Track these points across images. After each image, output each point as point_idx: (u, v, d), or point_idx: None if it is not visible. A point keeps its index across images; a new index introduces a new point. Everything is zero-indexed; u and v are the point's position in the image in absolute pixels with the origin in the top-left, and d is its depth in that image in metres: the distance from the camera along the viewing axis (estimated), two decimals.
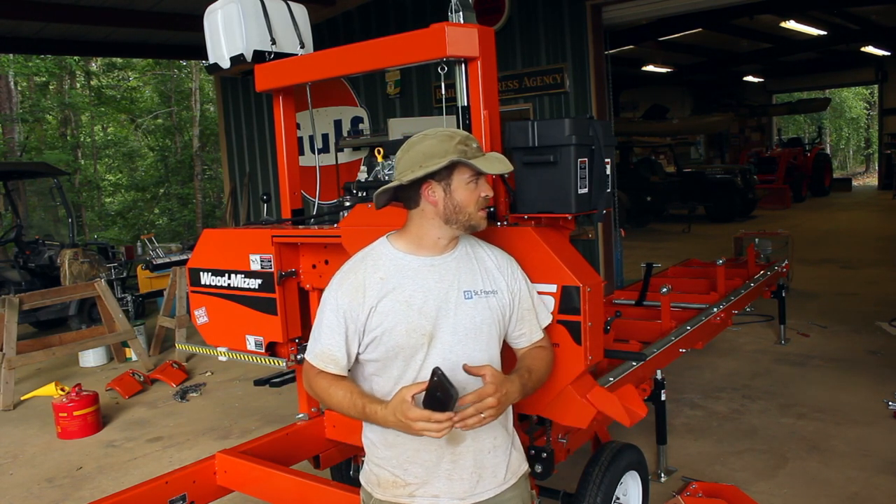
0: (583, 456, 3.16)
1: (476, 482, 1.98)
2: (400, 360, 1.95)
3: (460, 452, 1.96)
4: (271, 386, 3.59)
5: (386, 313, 1.93)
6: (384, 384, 1.99)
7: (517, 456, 2.11)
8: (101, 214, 19.18)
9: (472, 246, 2.09)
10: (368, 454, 2.08)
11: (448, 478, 1.96)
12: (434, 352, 1.93)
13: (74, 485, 4.38)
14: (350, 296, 1.96)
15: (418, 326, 1.92)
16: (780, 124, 27.34)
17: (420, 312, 1.93)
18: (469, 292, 1.99)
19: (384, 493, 2.01)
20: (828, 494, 3.66)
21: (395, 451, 1.98)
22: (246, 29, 3.11)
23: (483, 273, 2.04)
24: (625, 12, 7.55)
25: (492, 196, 2.01)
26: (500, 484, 2.02)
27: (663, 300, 4.19)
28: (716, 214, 15.31)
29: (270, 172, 10.42)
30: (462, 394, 1.82)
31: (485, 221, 2.01)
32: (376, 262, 2.01)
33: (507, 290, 2.06)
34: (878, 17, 14.75)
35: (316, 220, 3.28)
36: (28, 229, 11.09)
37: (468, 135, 1.99)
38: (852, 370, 5.50)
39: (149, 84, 20.89)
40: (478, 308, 1.98)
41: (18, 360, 6.11)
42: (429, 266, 1.99)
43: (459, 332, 1.95)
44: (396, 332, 1.93)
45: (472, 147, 1.96)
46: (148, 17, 8.69)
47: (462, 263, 2.02)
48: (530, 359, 2.09)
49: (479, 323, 1.98)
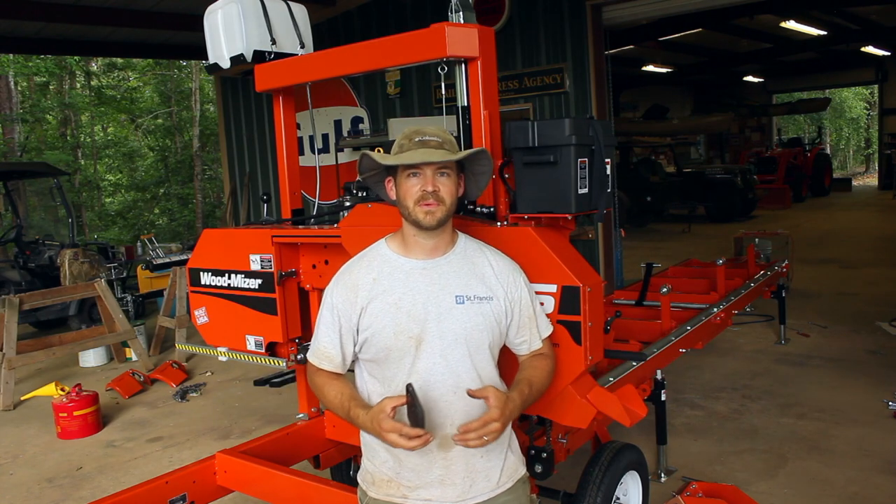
0: (583, 456, 3.16)
1: (469, 486, 1.97)
2: (392, 362, 1.95)
3: (452, 458, 1.95)
4: (271, 386, 3.59)
5: (375, 314, 1.95)
6: (378, 386, 2.00)
7: (514, 460, 2.08)
8: (101, 214, 19.18)
9: (472, 250, 2.06)
10: (364, 453, 2.09)
11: (440, 483, 1.95)
12: (423, 356, 1.93)
13: (74, 485, 4.38)
14: (344, 295, 1.99)
15: (406, 329, 1.93)
16: (780, 124, 27.36)
17: (409, 315, 1.93)
18: (461, 297, 1.96)
19: (378, 492, 2.02)
20: (828, 494, 3.66)
21: (390, 452, 1.98)
22: (246, 29, 3.11)
23: (478, 279, 2.00)
24: (625, 12, 7.54)
25: (430, 191, 1.91)
26: (493, 488, 2.01)
27: (663, 300, 4.19)
28: (716, 214, 15.32)
29: (270, 172, 10.42)
30: (449, 409, 1.91)
31: (428, 217, 1.92)
32: (371, 262, 2.02)
33: (504, 297, 2.02)
34: (877, 17, 14.75)
35: (316, 220, 3.28)
36: (28, 229, 11.08)
37: (418, 128, 1.97)
38: (852, 370, 5.49)
39: (149, 84, 20.89)
40: (469, 314, 1.95)
41: (18, 360, 6.11)
42: (420, 269, 1.98)
43: (448, 336, 1.93)
44: (385, 334, 1.94)
45: (413, 141, 1.94)
46: (148, 17, 8.70)
47: (456, 268, 2.00)
48: (531, 369, 2.06)
49: (470, 329, 1.95)
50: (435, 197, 1.92)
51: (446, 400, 1.93)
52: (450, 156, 1.93)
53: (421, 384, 1.90)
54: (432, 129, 1.99)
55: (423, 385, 1.91)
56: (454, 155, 1.94)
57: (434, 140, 1.95)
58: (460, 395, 1.91)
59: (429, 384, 1.92)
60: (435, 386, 1.93)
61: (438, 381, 1.93)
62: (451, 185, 1.96)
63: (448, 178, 1.95)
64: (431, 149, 1.93)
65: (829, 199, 19.66)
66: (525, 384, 1.98)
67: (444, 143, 1.96)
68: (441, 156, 1.91)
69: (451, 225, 2.03)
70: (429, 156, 1.91)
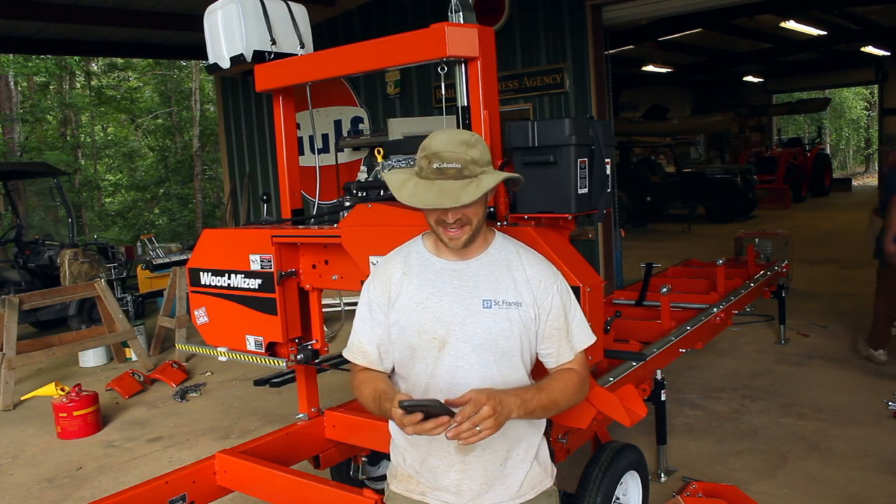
0: (583, 456, 3.16)
1: (485, 492, 1.93)
2: (415, 362, 1.93)
3: (469, 462, 1.91)
4: (271, 386, 3.59)
5: (402, 311, 1.93)
6: (402, 384, 1.99)
7: (539, 471, 2.01)
8: (101, 214, 19.19)
9: (508, 253, 1.97)
10: (392, 448, 2.08)
11: (457, 487, 1.93)
12: (446, 358, 1.89)
13: (74, 485, 4.38)
14: (379, 289, 1.99)
15: (430, 329, 1.90)
16: (780, 124, 27.36)
17: (434, 316, 1.90)
18: (489, 301, 1.89)
19: (398, 486, 2.03)
20: (828, 494, 3.66)
21: (413, 449, 1.98)
22: (246, 29, 3.11)
23: (509, 283, 1.92)
24: (625, 12, 7.55)
25: (451, 222, 1.84)
26: (513, 496, 1.95)
27: (663, 300, 4.19)
28: (716, 214, 15.32)
29: (270, 172, 10.42)
30: None
31: (453, 242, 1.87)
32: (406, 258, 2.00)
33: (532, 303, 1.92)
34: (877, 17, 14.75)
35: (316, 220, 3.28)
36: (28, 229, 11.09)
37: (438, 151, 1.82)
38: (852, 370, 5.49)
39: (149, 84, 20.90)
40: (496, 319, 1.88)
41: (18, 360, 6.11)
42: (451, 270, 1.94)
43: (474, 340, 1.88)
44: (409, 333, 1.92)
45: (431, 167, 1.82)
46: (148, 17, 8.70)
47: (487, 270, 1.93)
48: (549, 378, 1.95)
49: (496, 334, 1.88)
50: (458, 224, 1.84)
51: None
52: (465, 195, 1.78)
53: (442, 387, 1.88)
54: (452, 149, 1.82)
55: (445, 388, 1.88)
56: (468, 195, 1.78)
57: (452, 168, 1.80)
58: None
59: (450, 387, 1.88)
60: (456, 390, 1.84)
61: (460, 384, 1.87)
62: (478, 206, 1.85)
63: (475, 202, 1.82)
64: (449, 179, 1.80)
65: (828, 199, 19.65)
66: (534, 388, 1.88)
67: (465, 167, 1.81)
68: (454, 198, 1.77)
69: (483, 227, 1.95)
70: (441, 199, 1.78)
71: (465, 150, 1.83)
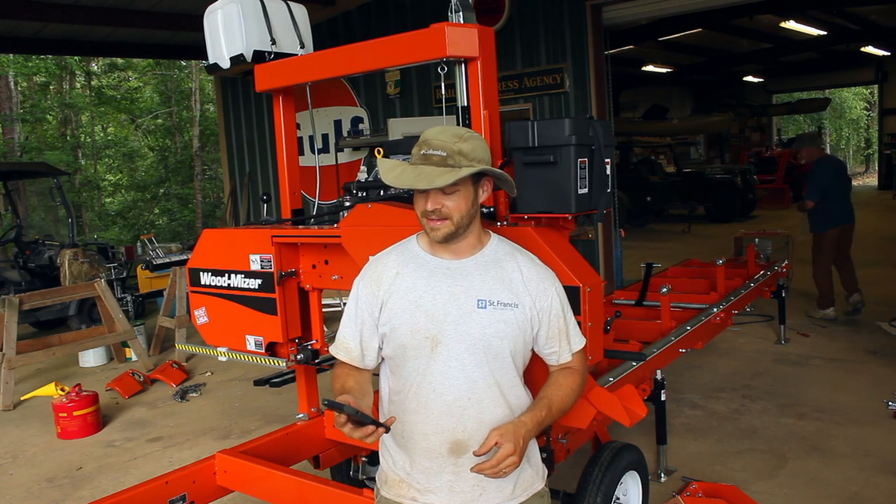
0: (583, 456, 3.16)
1: (478, 495, 1.93)
2: (407, 361, 1.93)
3: (462, 464, 1.90)
4: (271, 386, 3.59)
5: (394, 310, 1.93)
6: (395, 383, 1.99)
7: (531, 473, 2.02)
8: (101, 214, 19.19)
9: (504, 254, 1.99)
10: (381, 451, 2.07)
11: (450, 489, 1.92)
12: (438, 358, 1.89)
13: (74, 485, 4.38)
14: (368, 287, 1.99)
15: (423, 328, 1.89)
16: (780, 124, 27.37)
17: (427, 315, 1.89)
18: (483, 301, 1.90)
19: (389, 492, 2.01)
20: (828, 494, 3.66)
21: (403, 452, 1.97)
22: (246, 29, 3.11)
23: (505, 284, 1.93)
24: (625, 12, 7.55)
25: (430, 210, 1.86)
26: (505, 499, 1.96)
27: (663, 300, 4.19)
28: (716, 214, 15.32)
29: (270, 172, 10.43)
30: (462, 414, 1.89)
31: (434, 233, 1.89)
32: (399, 257, 2.00)
33: (530, 305, 1.94)
34: (877, 17, 14.75)
35: (316, 220, 3.28)
36: (28, 229, 11.09)
37: (428, 138, 1.87)
38: (852, 370, 5.50)
39: (149, 84, 20.89)
40: (490, 319, 1.89)
41: (18, 360, 6.11)
42: (445, 269, 1.94)
43: (467, 340, 1.88)
44: (402, 332, 1.91)
45: (419, 153, 1.87)
46: (148, 17, 8.69)
47: (483, 270, 1.94)
48: (554, 387, 1.98)
49: (490, 335, 1.89)
50: (438, 214, 1.86)
51: (459, 405, 1.89)
52: (440, 179, 1.80)
53: (434, 386, 1.89)
54: (442, 138, 1.86)
55: (437, 387, 1.89)
56: (442, 179, 1.80)
57: (437, 155, 1.84)
58: (474, 401, 1.89)
59: (443, 387, 1.89)
60: (448, 390, 1.88)
61: (452, 385, 1.88)
62: (459, 200, 1.86)
63: (456, 194, 1.86)
64: (432, 165, 1.83)
65: None
66: (544, 405, 1.91)
67: (450, 157, 1.83)
68: (428, 181, 1.80)
69: (476, 228, 1.96)
70: (417, 181, 1.82)
71: (454, 142, 1.86)
